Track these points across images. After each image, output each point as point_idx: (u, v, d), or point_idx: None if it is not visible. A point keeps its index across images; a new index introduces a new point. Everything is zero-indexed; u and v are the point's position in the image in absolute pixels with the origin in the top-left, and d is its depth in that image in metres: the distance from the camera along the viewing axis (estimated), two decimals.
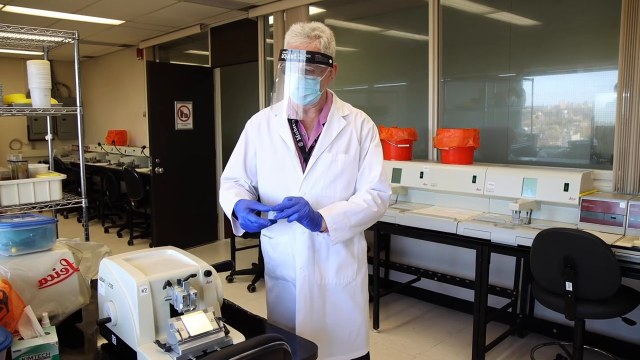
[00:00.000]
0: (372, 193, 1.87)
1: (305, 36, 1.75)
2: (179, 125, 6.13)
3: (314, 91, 1.79)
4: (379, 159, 1.93)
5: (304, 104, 1.83)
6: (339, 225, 1.78)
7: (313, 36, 1.76)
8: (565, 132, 3.69)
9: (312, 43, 1.75)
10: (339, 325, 1.93)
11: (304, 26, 1.78)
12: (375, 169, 1.91)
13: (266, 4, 5.19)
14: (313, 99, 1.82)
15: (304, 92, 1.78)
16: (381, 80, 4.93)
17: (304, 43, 1.75)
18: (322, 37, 1.78)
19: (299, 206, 1.70)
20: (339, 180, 1.86)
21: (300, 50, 1.73)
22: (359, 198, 1.86)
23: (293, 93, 1.80)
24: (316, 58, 1.74)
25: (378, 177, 1.90)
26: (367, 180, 1.90)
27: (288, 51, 1.75)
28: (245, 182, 1.97)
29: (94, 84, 9.06)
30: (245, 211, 1.73)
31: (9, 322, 1.34)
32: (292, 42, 1.77)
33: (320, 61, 1.76)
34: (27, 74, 2.72)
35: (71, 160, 8.21)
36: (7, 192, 2.58)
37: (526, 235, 2.87)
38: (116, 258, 1.54)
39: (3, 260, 1.56)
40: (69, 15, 5.60)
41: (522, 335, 3.65)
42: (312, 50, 1.74)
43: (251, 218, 1.71)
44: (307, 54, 1.73)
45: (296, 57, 1.73)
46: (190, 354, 1.31)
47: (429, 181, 3.68)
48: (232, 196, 1.83)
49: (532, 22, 3.84)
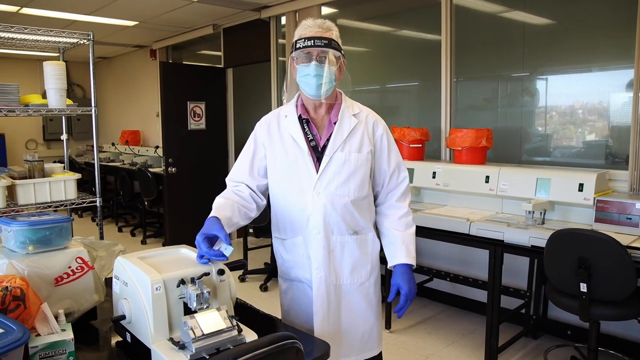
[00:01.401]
0: (409, 204, 1.99)
1: (318, 27, 1.77)
2: (192, 125, 6.17)
3: (330, 80, 1.79)
4: (402, 161, 1.99)
5: (320, 94, 1.80)
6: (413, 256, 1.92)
7: (325, 27, 1.78)
8: (579, 132, 3.65)
9: (326, 33, 1.77)
10: (353, 325, 1.92)
11: (315, 20, 1.80)
12: (403, 171, 1.96)
13: (278, 5, 5.21)
14: (329, 89, 1.80)
15: (322, 79, 1.77)
16: (393, 80, 4.92)
17: (319, 32, 1.76)
18: (333, 30, 1.80)
19: (411, 299, 1.87)
20: (353, 179, 1.85)
21: (317, 37, 1.74)
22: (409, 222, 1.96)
23: (310, 82, 1.80)
24: (333, 44, 1.76)
25: (407, 181, 1.98)
26: (395, 182, 1.95)
27: (303, 39, 1.76)
28: (246, 187, 1.92)
29: (108, 84, 9.15)
30: (201, 236, 1.56)
31: (26, 319, 1.36)
32: (305, 33, 1.77)
33: (336, 47, 1.78)
34: (43, 74, 2.75)
35: (85, 160, 8.30)
36: (23, 191, 2.61)
37: (540, 235, 2.85)
38: (131, 256, 1.56)
39: (20, 258, 1.59)
40: (84, 16, 5.66)
41: (535, 337, 3.62)
42: (328, 37, 1.76)
43: (202, 248, 1.53)
44: (324, 40, 1.74)
45: (314, 43, 1.74)
46: (203, 351, 1.32)
47: (442, 181, 3.67)
48: (215, 208, 1.77)
49: (546, 21, 3.81)
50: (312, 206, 1.82)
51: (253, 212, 1.89)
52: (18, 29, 2.73)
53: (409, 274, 1.88)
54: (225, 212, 1.74)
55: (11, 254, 1.62)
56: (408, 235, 1.92)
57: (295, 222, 1.87)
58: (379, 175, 1.93)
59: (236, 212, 1.80)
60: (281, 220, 1.93)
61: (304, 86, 1.82)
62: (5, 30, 2.71)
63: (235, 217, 1.77)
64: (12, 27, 2.69)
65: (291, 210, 1.87)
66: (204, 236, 1.56)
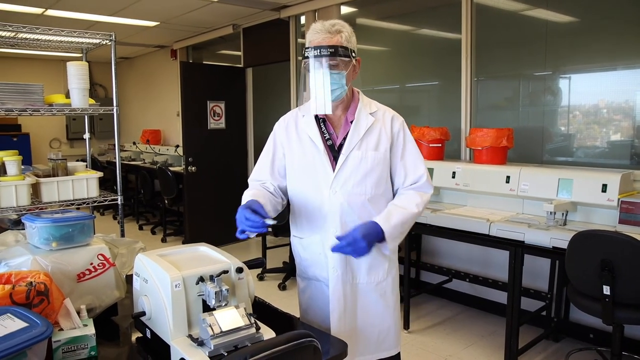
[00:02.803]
0: (420, 195, 1.86)
1: (326, 32, 1.76)
2: (212, 124, 6.21)
3: (340, 85, 1.79)
4: (420, 156, 1.92)
5: (332, 99, 1.81)
6: (395, 235, 1.78)
7: (334, 31, 1.76)
8: (604, 131, 3.58)
9: (334, 38, 1.75)
10: (369, 325, 1.92)
11: (324, 23, 1.78)
12: (420, 167, 1.90)
13: (298, 4, 5.22)
14: (340, 94, 1.81)
15: (330, 87, 1.78)
16: (413, 79, 4.89)
17: (326, 38, 1.75)
18: (343, 32, 1.78)
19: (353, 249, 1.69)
20: (370, 178, 1.85)
21: (322, 46, 1.73)
22: (410, 202, 1.83)
23: (319, 89, 1.80)
24: (340, 51, 1.74)
25: (425, 177, 1.89)
26: (412, 179, 1.89)
27: (311, 48, 1.75)
28: (271, 184, 1.95)
29: (129, 84, 9.27)
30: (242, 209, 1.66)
31: (50, 314, 1.39)
32: (313, 40, 1.77)
33: (344, 54, 1.76)
34: (67, 75, 2.79)
35: (107, 159, 8.42)
36: (47, 189, 2.66)
37: (561, 236, 2.81)
38: (151, 254, 1.58)
39: (44, 254, 1.62)
40: (106, 17, 5.75)
41: (557, 340, 3.57)
42: (334, 45, 1.74)
43: (247, 214, 1.63)
44: (330, 49, 1.73)
45: (320, 53, 1.73)
46: (221, 348, 1.33)
47: (461, 181, 3.63)
48: (248, 197, 1.81)
49: (569, 19, 3.75)
50: (329, 205, 1.83)
51: (279, 206, 1.92)
52: (43, 30, 2.77)
53: (372, 231, 1.73)
54: (259, 199, 1.77)
55: (35, 250, 1.65)
56: (398, 209, 1.82)
57: (312, 221, 1.88)
58: (396, 172, 1.91)
59: (268, 201, 1.84)
60: (299, 218, 1.94)
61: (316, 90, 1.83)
62: (31, 32, 2.76)
63: (267, 205, 1.80)
64: (37, 28, 2.75)
65: (308, 209, 1.88)
66: (246, 209, 1.63)
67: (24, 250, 1.66)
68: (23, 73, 8.55)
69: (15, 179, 2.47)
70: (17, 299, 1.32)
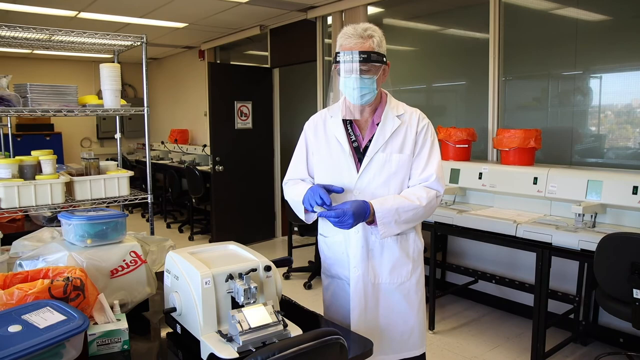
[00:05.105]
0: (426, 190, 1.85)
1: (358, 37, 1.77)
2: (239, 124, 6.28)
3: (371, 90, 1.81)
4: (436, 156, 1.90)
5: (362, 103, 1.84)
6: (388, 220, 1.78)
7: (366, 36, 1.77)
8: (637, 132, 3.51)
9: (366, 43, 1.76)
10: (391, 324, 1.94)
11: (355, 27, 1.79)
12: (431, 166, 1.88)
13: (325, 5, 5.24)
14: (370, 98, 1.84)
15: (361, 92, 1.80)
16: (440, 79, 4.86)
17: (358, 44, 1.76)
18: (375, 36, 1.79)
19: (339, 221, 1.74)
20: (393, 180, 1.87)
21: (354, 52, 1.75)
22: (412, 194, 1.84)
23: (350, 94, 1.82)
24: (372, 57, 1.76)
25: (434, 175, 1.87)
26: (421, 177, 1.88)
27: (342, 53, 1.77)
28: (310, 181, 2.00)
29: (157, 84, 9.43)
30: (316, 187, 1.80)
31: (85, 308, 1.44)
32: (345, 44, 1.79)
33: (376, 60, 1.77)
34: (100, 76, 2.86)
35: (136, 158, 8.58)
36: (80, 187, 2.73)
37: (590, 239, 2.77)
38: (181, 251, 1.62)
39: (79, 250, 1.68)
40: (137, 19, 5.87)
41: (585, 343, 3.51)
42: (366, 50, 1.75)
43: (321, 192, 1.76)
44: (362, 54, 1.74)
45: (351, 59, 1.75)
46: (250, 344, 1.36)
47: (488, 182, 3.61)
48: (305, 185, 1.90)
49: (601, 17, 3.68)
50: None
51: None
52: (78, 33, 2.85)
53: (362, 211, 1.75)
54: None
55: (71, 247, 1.71)
56: (397, 197, 1.83)
57: None
58: (411, 170, 1.91)
59: None
60: None
61: (346, 95, 1.86)
62: (66, 35, 2.85)
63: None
64: (72, 31, 2.83)
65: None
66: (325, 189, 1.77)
67: (60, 246, 1.72)
68: (55, 74, 8.77)
69: (51, 177, 2.55)
70: (55, 293, 1.38)
